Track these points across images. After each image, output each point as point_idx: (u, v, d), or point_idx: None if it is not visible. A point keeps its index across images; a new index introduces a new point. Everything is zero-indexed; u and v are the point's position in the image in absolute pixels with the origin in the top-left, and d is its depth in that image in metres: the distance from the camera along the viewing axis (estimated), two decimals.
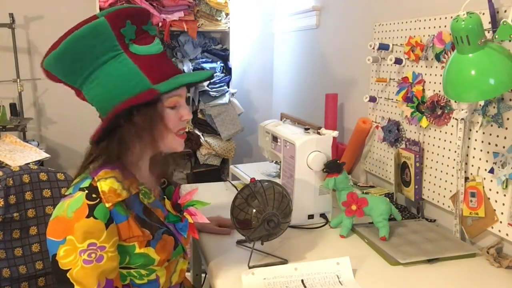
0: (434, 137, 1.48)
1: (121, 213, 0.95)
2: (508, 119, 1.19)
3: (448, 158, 1.42)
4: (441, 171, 1.45)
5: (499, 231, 1.23)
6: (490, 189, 1.25)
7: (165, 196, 1.14)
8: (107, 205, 0.92)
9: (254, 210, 1.15)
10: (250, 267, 1.13)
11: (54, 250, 0.90)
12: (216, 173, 2.99)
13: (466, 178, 1.32)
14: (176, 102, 1.01)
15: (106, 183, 0.95)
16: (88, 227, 0.90)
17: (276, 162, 1.76)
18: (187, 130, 1.10)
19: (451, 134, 1.41)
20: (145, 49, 0.97)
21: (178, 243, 1.07)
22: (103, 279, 0.91)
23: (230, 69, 2.94)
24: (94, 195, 0.92)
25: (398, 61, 1.61)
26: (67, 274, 0.89)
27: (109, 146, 0.97)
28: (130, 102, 0.92)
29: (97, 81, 0.96)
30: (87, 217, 0.90)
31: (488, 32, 1.15)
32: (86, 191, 0.92)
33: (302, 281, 1.08)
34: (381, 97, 1.78)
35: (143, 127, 0.96)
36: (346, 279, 1.09)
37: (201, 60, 2.92)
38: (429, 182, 1.51)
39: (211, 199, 1.67)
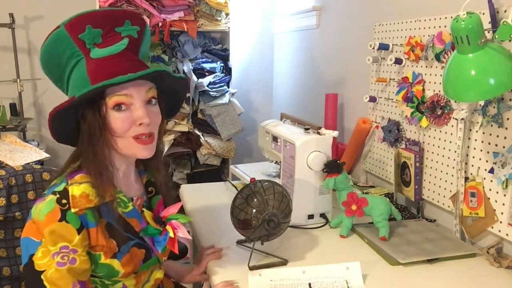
0: (434, 137, 1.48)
1: (91, 219, 0.93)
2: (508, 119, 1.19)
3: (448, 158, 1.42)
4: (441, 171, 1.45)
5: (499, 231, 1.23)
6: (490, 189, 1.25)
7: (143, 209, 1.06)
8: (73, 210, 0.91)
9: (254, 210, 1.15)
10: (250, 267, 1.13)
11: (33, 250, 0.90)
12: (216, 173, 2.99)
13: (466, 178, 1.32)
14: (118, 103, 0.93)
15: (79, 188, 0.93)
16: (60, 231, 0.89)
17: (276, 162, 1.76)
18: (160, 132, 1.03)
19: (451, 134, 1.41)
20: (103, 51, 0.95)
21: (151, 255, 1.03)
22: (76, 282, 0.91)
23: (230, 69, 2.94)
24: (64, 201, 0.91)
25: (398, 61, 1.61)
26: (42, 276, 0.89)
27: (80, 149, 0.98)
28: (56, 108, 0.91)
29: (69, 86, 0.98)
30: (60, 220, 0.89)
31: (488, 32, 1.15)
32: (58, 196, 0.92)
33: (310, 284, 1.06)
34: (381, 97, 1.78)
35: (89, 131, 0.94)
36: (356, 285, 1.07)
37: (201, 60, 2.93)
38: (429, 182, 1.51)
39: (211, 199, 1.68)
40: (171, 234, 1.03)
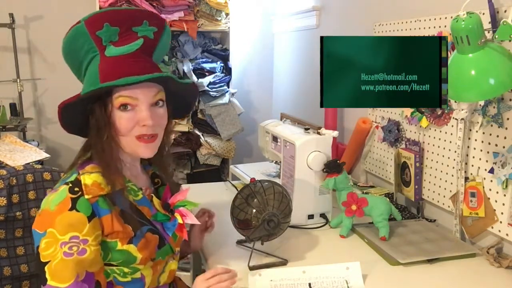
0: (434, 137, 1.48)
1: (104, 207, 0.95)
2: (508, 119, 1.19)
3: (448, 158, 1.42)
4: (441, 171, 1.45)
5: (499, 231, 1.23)
6: (490, 189, 1.25)
7: (153, 195, 1.09)
8: (86, 196, 0.92)
9: (254, 210, 1.15)
10: (250, 267, 1.13)
11: (37, 242, 0.91)
12: (216, 173, 2.99)
13: (466, 178, 1.32)
14: (123, 103, 0.95)
15: (91, 177, 0.96)
16: (70, 220, 0.90)
17: (276, 162, 1.76)
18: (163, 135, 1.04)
19: (451, 134, 1.41)
20: (117, 50, 0.97)
21: (165, 242, 1.05)
22: (82, 272, 0.91)
23: (230, 69, 2.94)
24: (76, 189, 0.93)
25: None
26: (45, 267, 0.89)
27: (90, 141, 1.00)
28: (65, 101, 0.93)
29: (85, 80, 1.00)
30: (70, 210, 0.91)
31: (488, 32, 1.15)
32: (70, 185, 0.94)
33: (310, 284, 1.07)
34: None
35: (97, 127, 0.97)
36: (356, 285, 1.07)
37: (201, 60, 2.92)
38: (429, 182, 1.51)
39: (211, 199, 1.68)
40: (180, 221, 1.06)
